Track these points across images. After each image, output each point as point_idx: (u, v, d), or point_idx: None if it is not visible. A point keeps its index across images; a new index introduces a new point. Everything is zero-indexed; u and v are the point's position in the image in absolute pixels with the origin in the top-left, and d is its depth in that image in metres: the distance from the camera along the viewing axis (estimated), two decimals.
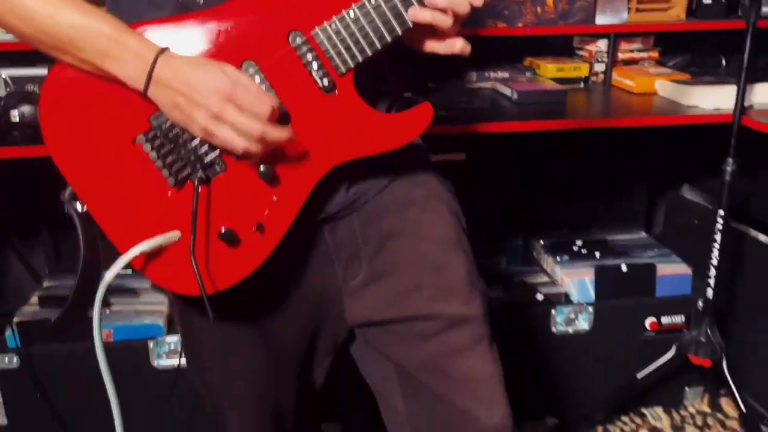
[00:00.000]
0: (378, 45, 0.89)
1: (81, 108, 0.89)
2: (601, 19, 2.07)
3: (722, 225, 1.73)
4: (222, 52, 0.87)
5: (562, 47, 2.23)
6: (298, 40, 0.89)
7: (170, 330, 1.82)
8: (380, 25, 0.88)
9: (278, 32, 0.89)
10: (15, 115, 1.51)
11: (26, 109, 1.51)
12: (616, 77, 2.10)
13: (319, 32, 0.88)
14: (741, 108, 1.68)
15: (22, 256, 2.20)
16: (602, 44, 2.13)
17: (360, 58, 0.89)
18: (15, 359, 1.73)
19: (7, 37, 1.73)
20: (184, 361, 1.15)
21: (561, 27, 2.03)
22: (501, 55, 2.20)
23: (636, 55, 2.17)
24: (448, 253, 1.01)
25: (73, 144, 0.90)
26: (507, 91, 1.96)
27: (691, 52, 2.24)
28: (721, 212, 1.73)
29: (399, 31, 0.89)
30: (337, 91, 0.90)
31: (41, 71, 1.78)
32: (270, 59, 0.89)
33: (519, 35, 2.03)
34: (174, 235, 0.90)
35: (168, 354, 1.79)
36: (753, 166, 1.85)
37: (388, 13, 0.88)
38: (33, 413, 1.79)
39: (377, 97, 1.00)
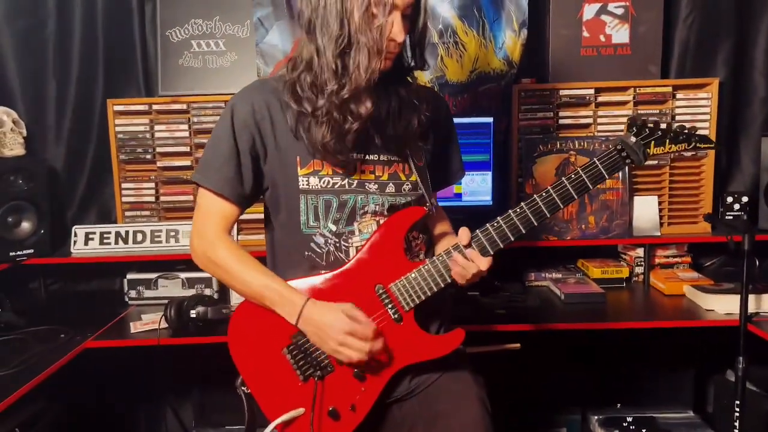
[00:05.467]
0: (428, 293, 1.45)
1: (252, 329, 1.49)
2: (638, 233, 2.56)
3: (738, 413, 2.05)
4: (334, 296, 1.46)
5: (611, 251, 2.72)
6: (380, 290, 1.46)
7: None
8: (428, 284, 1.45)
9: (368, 285, 1.47)
10: (193, 313, 2.17)
11: (200, 308, 2.17)
12: (653, 279, 2.55)
13: (392, 286, 1.46)
14: (745, 316, 2.06)
15: (174, 410, 2.83)
16: (641, 251, 2.60)
17: (417, 302, 1.45)
18: None
19: (183, 249, 2.48)
20: None
21: (601, 240, 2.54)
22: (558, 258, 2.72)
23: (671, 260, 2.61)
24: (475, 430, 1.48)
25: (246, 350, 1.50)
26: (557, 292, 2.45)
27: (723, 254, 2.66)
28: (738, 402, 2.06)
29: (435, 289, 1.44)
30: (403, 322, 1.46)
31: (206, 274, 2.49)
32: (363, 302, 1.46)
33: (568, 245, 2.55)
34: (300, 411, 1.45)
35: None
36: None
37: (435, 277, 1.44)
38: None
39: (433, 318, 1.54)
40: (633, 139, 1.43)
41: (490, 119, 2.53)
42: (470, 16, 2.52)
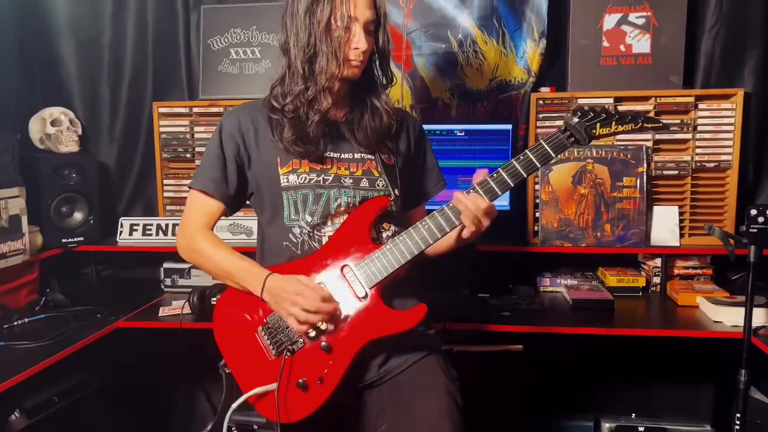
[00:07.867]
0: (386, 273, 1.55)
1: (232, 314, 1.64)
2: (656, 242, 2.55)
3: (738, 427, 2.00)
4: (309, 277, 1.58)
5: (632, 260, 2.70)
6: (347, 271, 1.57)
7: None
8: (389, 262, 1.56)
9: (337, 266, 1.59)
10: (213, 300, 2.33)
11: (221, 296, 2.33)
12: (669, 290, 2.52)
13: (356, 266, 1.57)
14: (749, 329, 2.00)
15: (206, 392, 3.00)
16: (659, 261, 2.58)
17: (380, 278, 1.55)
18: None
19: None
20: None
21: (616, 249, 2.54)
22: (580, 266, 2.72)
23: (691, 271, 2.57)
24: (440, 422, 1.54)
25: (227, 334, 1.65)
26: (567, 297, 2.47)
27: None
28: (738, 416, 2.02)
29: (396, 265, 1.55)
30: (368, 299, 1.56)
31: None
32: (333, 280, 1.58)
33: (583, 252, 2.57)
34: (274, 386, 1.57)
35: None
36: None
37: (396, 255, 1.55)
38: None
39: (405, 299, 1.64)
40: (575, 119, 1.55)
41: (508, 126, 2.59)
42: (489, 27, 2.60)
